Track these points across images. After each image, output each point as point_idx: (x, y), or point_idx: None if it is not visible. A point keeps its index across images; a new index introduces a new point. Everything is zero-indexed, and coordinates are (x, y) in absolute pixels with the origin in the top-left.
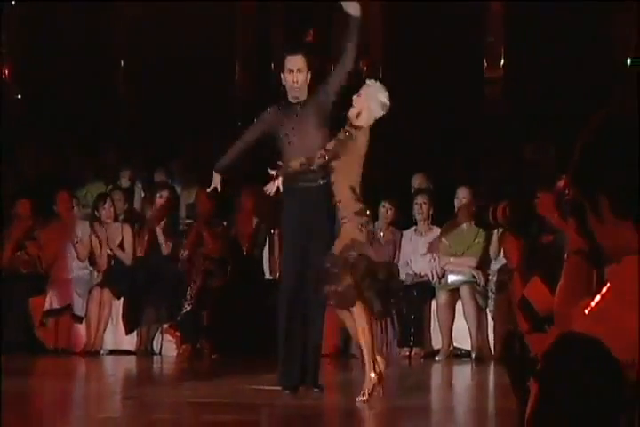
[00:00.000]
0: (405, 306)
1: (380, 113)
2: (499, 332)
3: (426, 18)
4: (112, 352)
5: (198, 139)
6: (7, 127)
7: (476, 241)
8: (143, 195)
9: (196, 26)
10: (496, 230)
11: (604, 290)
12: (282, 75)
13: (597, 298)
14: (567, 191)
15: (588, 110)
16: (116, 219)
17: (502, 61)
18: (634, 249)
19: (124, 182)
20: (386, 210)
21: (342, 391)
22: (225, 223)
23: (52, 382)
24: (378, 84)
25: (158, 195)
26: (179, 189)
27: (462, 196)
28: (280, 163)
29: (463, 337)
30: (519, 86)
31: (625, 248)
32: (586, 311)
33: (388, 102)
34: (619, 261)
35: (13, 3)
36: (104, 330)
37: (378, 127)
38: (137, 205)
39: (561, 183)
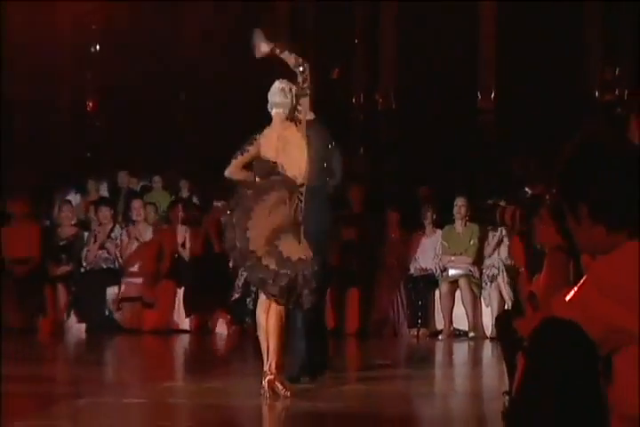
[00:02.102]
0: (414, 294)
1: (270, 108)
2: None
3: (431, 57)
4: (175, 331)
5: None
6: (90, 147)
7: (471, 242)
8: (199, 203)
9: (240, 66)
10: (491, 233)
11: (582, 282)
12: None
13: (575, 288)
14: (547, 197)
15: (564, 133)
16: (179, 222)
17: (493, 94)
18: (605, 248)
19: (185, 193)
20: (393, 215)
21: (362, 371)
22: None
23: (126, 355)
24: (276, 83)
25: (214, 203)
26: None
27: (460, 204)
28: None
29: (461, 320)
30: (507, 114)
31: (597, 247)
32: (566, 299)
33: (274, 91)
34: (593, 258)
35: (98, 48)
36: (169, 313)
37: (391, 149)
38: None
39: (537, 190)
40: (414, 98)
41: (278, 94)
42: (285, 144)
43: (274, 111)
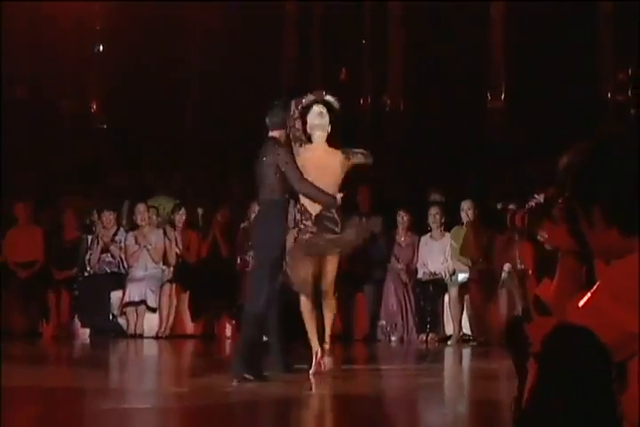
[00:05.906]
0: (422, 299)
1: (310, 129)
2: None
3: (440, 58)
4: (179, 336)
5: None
6: (94, 150)
7: None
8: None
9: (248, 69)
10: (501, 237)
11: (595, 287)
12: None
13: (589, 294)
14: (560, 200)
15: (576, 134)
16: (185, 225)
17: (503, 95)
18: (619, 253)
19: (190, 196)
20: (402, 217)
21: (369, 377)
22: None
23: (130, 360)
24: (314, 107)
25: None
26: None
27: (467, 207)
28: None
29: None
30: (516, 115)
31: (611, 251)
32: (579, 305)
33: (312, 115)
34: (608, 263)
35: (102, 48)
36: (173, 318)
37: (399, 151)
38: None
39: (549, 193)
40: (422, 99)
41: (317, 118)
42: (324, 168)
43: (315, 134)
